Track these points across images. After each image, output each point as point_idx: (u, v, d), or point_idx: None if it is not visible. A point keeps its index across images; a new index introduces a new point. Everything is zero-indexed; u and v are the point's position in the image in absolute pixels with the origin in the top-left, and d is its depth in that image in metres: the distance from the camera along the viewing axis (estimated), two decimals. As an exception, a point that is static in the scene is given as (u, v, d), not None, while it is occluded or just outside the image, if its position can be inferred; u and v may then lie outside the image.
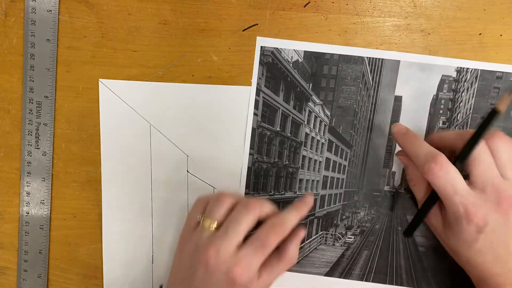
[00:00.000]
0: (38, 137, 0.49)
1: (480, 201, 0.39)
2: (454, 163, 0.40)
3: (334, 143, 0.48)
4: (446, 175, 0.40)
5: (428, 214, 0.43)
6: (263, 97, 0.48)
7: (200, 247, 0.40)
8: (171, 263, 0.45)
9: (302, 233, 0.42)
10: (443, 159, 0.40)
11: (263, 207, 0.41)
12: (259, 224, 0.41)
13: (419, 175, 0.43)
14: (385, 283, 0.49)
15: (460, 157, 0.40)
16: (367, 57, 0.47)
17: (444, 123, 0.47)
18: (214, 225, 0.41)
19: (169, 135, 0.49)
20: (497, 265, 0.40)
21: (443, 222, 0.42)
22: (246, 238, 0.40)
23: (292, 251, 0.41)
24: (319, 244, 0.49)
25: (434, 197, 0.42)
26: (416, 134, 0.44)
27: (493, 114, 0.40)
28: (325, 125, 0.48)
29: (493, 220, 0.39)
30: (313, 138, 0.48)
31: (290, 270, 0.49)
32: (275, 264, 0.41)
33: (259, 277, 0.40)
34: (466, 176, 0.40)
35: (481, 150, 0.40)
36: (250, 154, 0.48)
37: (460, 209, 0.40)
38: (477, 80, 0.47)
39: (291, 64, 0.47)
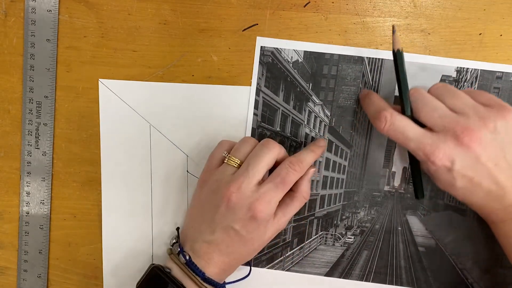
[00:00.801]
0: (38, 137, 0.49)
1: (438, 141, 0.39)
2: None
3: (334, 143, 0.48)
4: (391, 127, 0.40)
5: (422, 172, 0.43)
6: (263, 97, 0.48)
7: (222, 184, 0.42)
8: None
9: (312, 170, 0.44)
10: (385, 114, 0.40)
11: (281, 148, 0.43)
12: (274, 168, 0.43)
13: None
14: (385, 283, 0.49)
15: (403, 110, 0.41)
16: (367, 57, 0.47)
17: (444, 123, 0.47)
18: (238, 163, 0.43)
19: (169, 135, 0.49)
20: (492, 200, 0.39)
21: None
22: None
23: (304, 187, 0.43)
24: (319, 244, 0.49)
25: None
26: (373, 95, 0.44)
27: (397, 56, 0.41)
28: (325, 125, 0.48)
29: (458, 156, 0.38)
30: (313, 138, 0.48)
31: (290, 270, 0.49)
32: (289, 203, 0.43)
33: (274, 217, 0.42)
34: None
35: (418, 96, 0.41)
36: (250, 154, 0.48)
37: (419, 154, 0.40)
38: (477, 80, 0.47)
39: (291, 64, 0.47)
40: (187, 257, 0.42)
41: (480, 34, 0.46)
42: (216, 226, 0.41)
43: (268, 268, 0.49)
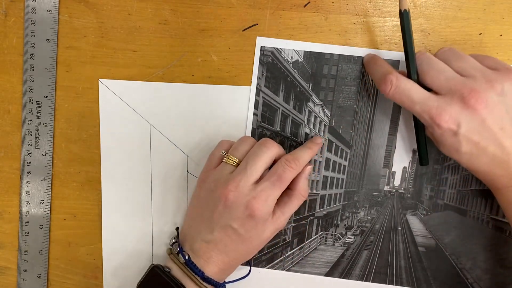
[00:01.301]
0: (38, 137, 0.49)
1: (444, 104, 0.38)
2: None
3: (334, 143, 0.48)
4: (397, 90, 0.40)
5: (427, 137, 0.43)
6: (263, 97, 0.48)
7: (220, 183, 0.42)
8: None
9: (309, 168, 0.44)
10: (391, 77, 0.40)
11: (280, 148, 0.43)
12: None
13: None
14: (385, 283, 0.49)
15: (408, 73, 0.41)
16: (367, 57, 0.47)
17: (444, 123, 0.47)
18: (237, 162, 0.43)
19: (169, 135, 0.49)
20: (497, 166, 0.39)
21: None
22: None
23: (302, 184, 0.43)
24: (319, 244, 0.49)
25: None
26: (378, 58, 0.44)
27: (404, 16, 0.41)
28: (325, 125, 0.48)
29: (464, 119, 0.38)
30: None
31: (290, 270, 0.49)
32: (287, 201, 0.43)
33: (273, 216, 0.42)
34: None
35: (424, 59, 0.41)
36: (250, 154, 0.48)
37: (425, 117, 0.39)
38: (477, 80, 0.46)
39: (291, 64, 0.47)
40: (186, 257, 0.42)
41: (480, 34, 0.46)
42: (214, 225, 0.42)
43: (268, 268, 0.49)
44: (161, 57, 0.48)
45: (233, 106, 0.48)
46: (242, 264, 0.46)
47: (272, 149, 0.42)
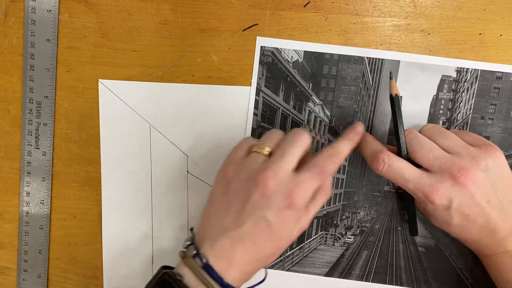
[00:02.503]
0: (38, 137, 0.49)
1: (436, 182, 0.40)
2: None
3: (334, 143, 0.48)
4: (390, 169, 0.41)
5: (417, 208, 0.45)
6: (263, 97, 0.48)
7: (255, 171, 0.39)
8: (171, 264, 0.44)
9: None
10: (383, 156, 0.41)
11: (311, 137, 0.42)
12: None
13: None
14: (385, 283, 0.49)
15: (399, 151, 0.42)
16: (367, 57, 0.47)
17: (444, 123, 0.47)
18: (269, 151, 0.41)
19: (169, 135, 0.49)
20: (485, 236, 0.41)
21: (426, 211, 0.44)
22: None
23: (330, 184, 0.42)
24: (319, 244, 0.49)
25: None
26: (367, 136, 0.44)
27: (394, 100, 0.43)
28: (325, 125, 0.48)
29: (456, 195, 0.40)
30: (313, 138, 0.48)
31: (290, 270, 0.49)
32: (318, 197, 0.41)
33: (299, 220, 0.40)
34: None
35: (413, 138, 0.42)
36: (250, 154, 0.48)
37: (419, 194, 0.41)
38: (477, 80, 0.47)
39: (291, 64, 0.47)
40: (204, 260, 0.38)
41: (480, 34, 0.46)
42: (246, 217, 0.38)
43: (268, 268, 0.49)
44: (161, 57, 0.48)
45: (233, 106, 0.48)
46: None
47: (306, 137, 0.41)
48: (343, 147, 0.42)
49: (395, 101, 0.43)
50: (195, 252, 0.39)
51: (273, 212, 0.38)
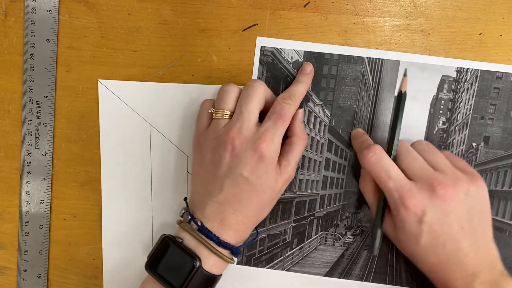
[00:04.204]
0: (38, 137, 0.49)
1: (415, 189, 0.40)
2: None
3: (334, 143, 0.48)
4: (379, 161, 0.41)
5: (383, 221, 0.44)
6: (263, 97, 0.48)
7: (220, 135, 0.41)
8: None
9: (301, 110, 0.44)
10: (377, 148, 0.42)
11: (266, 87, 0.43)
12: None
13: (367, 175, 0.45)
14: (385, 283, 0.49)
15: (388, 152, 0.43)
16: (367, 57, 0.47)
17: (444, 123, 0.47)
18: (228, 113, 0.42)
19: (169, 135, 0.49)
20: (452, 265, 0.39)
21: (392, 222, 0.43)
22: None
23: (298, 128, 0.43)
24: (319, 244, 0.49)
25: (383, 199, 0.43)
26: (364, 133, 0.46)
27: (402, 97, 0.43)
28: (325, 125, 0.48)
29: (431, 208, 0.39)
30: (313, 138, 0.48)
31: (290, 270, 0.49)
32: (289, 149, 0.43)
33: (280, 167, 0.41)
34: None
35: (402, 146, 0.43)
36: (250, 154, 0.48)
37: (395, 195, 0.40)
38: (477, 80, 0.47)
39: (291, 64, 0.47)
40: (199, 223, 0.41)
41: (480, 34, 0.46)
42: (223, 180, 0.40)
43: (268, 268, 0.49)
44: (161, 57, 0.48)
45: (233, 106, 0.48)
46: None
47: (260, 87, 0.42)
48: (296, 89, 0.44)
49: (402, 98, 0.43)
50: (189, 217, 0.41)
51: (247, 168, 0.40)
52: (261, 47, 0.47)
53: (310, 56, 0.47)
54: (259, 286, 0.49)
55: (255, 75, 0.47)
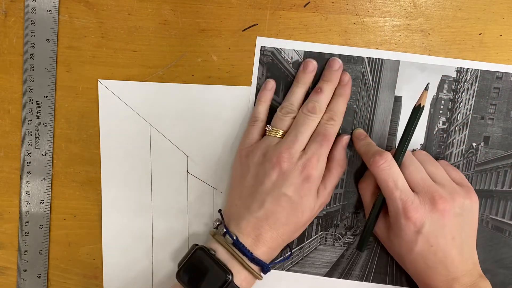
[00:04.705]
0: (38, 137, 0.49)
1: (418, 202, 0.41)
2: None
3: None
4: (389, 169, 0.42)
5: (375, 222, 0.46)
6: (263, 97, 0.48)
7: (270, 152, 0.42)
8: (171, 264, 0.45)
9: (346, 137, 0.46)
10: (388, 156, 0.42)
11: (320, 116, 0.44)
12: None
13: (369, 177, 0.46)
14: (385, 283, 0.49)
15: (395, 156, 0.43)
16: (367, 57, 0.47)
17: (444, 123, 0.47)
18: (281, 132, 0.44)
19: (169, 135, 0.49)
20: (437, 270, 0.41)
21: (386, 226, 0.45)
22: None
23: (338, 154, 0.45)
24: (319, 244, 0.49)
25: (380, 202, 0.44)
26: (367, 136, 0.47)
27: (419, 111, 0.43)
28: (325, 125, 0.48)
29: (430, 221, 0.41)
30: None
31: (290, 270, 0.49)
32: (326, 174, 0.44)
33: (318, 192, 0.43)
34: None
35: (407, 156, 0.44)
36: (250, 154, 0.48)
37: (399, 204, 0.41)
38: (477, 80, 0.47)
39: (291, 64, 0.47)
40: (234, 237, 0.41)
41: (480, 34, 0.46)
42: (266, 196, 0.41)
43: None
44: (161, 57, 0.48)
45: (233, 106, 0.48)
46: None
47: (317, 120, 0.44)
48: (337, 106, 0.44)
49: (419, 112, 0.43)
50: (224, 230, 0.42)
51: (292, 187, 0.41)
52: (261, 47, 0.47)
53: (310, 56, 0.47)
54: (259, 286, 0.49)
55: (255, 75, 0.47)
